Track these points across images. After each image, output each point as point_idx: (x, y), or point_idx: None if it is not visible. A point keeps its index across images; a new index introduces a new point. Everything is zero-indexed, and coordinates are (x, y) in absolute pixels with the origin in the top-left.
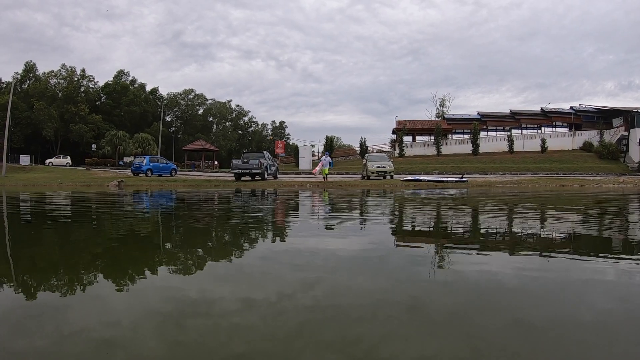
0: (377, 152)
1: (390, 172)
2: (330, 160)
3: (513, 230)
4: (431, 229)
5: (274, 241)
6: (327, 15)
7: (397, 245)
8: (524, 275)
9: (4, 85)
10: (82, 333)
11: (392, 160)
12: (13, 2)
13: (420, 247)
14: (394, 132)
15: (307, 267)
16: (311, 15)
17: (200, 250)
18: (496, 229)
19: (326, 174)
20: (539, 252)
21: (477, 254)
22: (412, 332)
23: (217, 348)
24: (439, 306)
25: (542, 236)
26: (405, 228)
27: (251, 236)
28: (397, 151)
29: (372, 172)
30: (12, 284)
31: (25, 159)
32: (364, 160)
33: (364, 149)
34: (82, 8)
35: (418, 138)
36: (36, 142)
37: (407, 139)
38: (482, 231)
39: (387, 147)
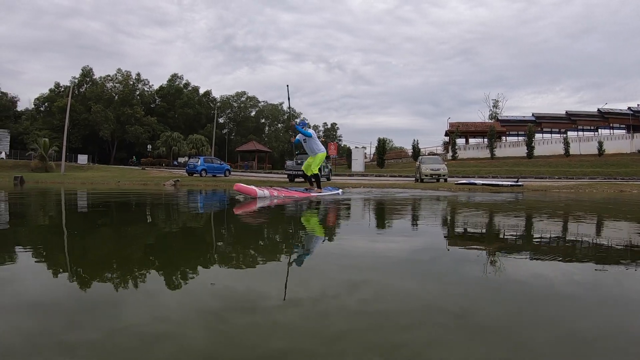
0: (429, 154)
1: (444, 175)
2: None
3: (569, 238)
4: (485, 233)
5: (323, 241)
6: (376, 17)
7: (448, 249)
8: (579, 285)
9: (63, 89)
10: (132, 326)
11: (445, 163)
12: (69, 11)
13: (472, 252)
14: (446, 134)
15: (355, 268)
16: (360, 17)
17: (250, 248)
18: (552, 235)
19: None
20: (595, 262)
21: (531, 261)
22: (458, 339)
23: (259, 343)
24: (488, 314)
25: (599, 245)
26: (458, 232)
27: (301, 235)
28: (450, 154)
29: (426, 175)
30: (68, 276)
31: (83, 159)
32: (418, 163)
33: (416, 151)
34: (136, 15)
35: (471, 140)
36: (93, 142)
37: (460, 141)
38: (537, 238)
39: (439, 150)
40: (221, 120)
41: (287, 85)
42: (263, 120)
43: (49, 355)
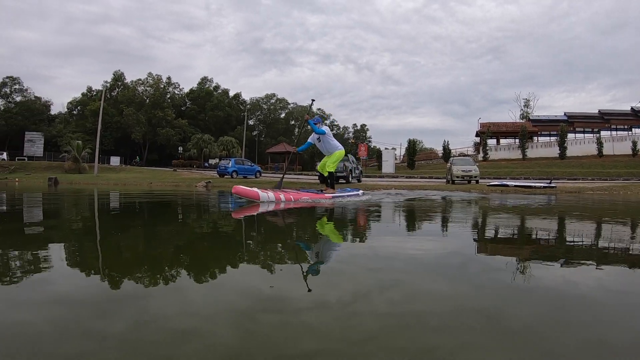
0: (459, 155)
1: (475, 177)
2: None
3: (603, 241)
4: (517, 236)
5: (353, 241)
6: (404, 16)
7: (479, 252)
8: (611, 292)
9: (95, 93)
10: (160, 321)
11: (477, 164)
12: (100, 18)
13: (504, 255)
14: (477, 135)
15: (385, 269)
16: (387, 17)
17: (280, 248)
18: (585, 239)
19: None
20: (628, 267)
21: (563, 265)
22: (487, 343)
23: (288, 343)
24: (518, 318)
25: (633, 250)
26: (489, 235)
27: (331, 236)
28: (481, 154)
29: (457, 177)
30: (99, 271)
31: (115, 160)
32: (449, 164)
33: (446, 152)
34: (165, 21)
35: (502, 141)
36: (125, 145)
37: (491, 141)
38: (570, 241)
39: (470, 150)
40: (251, 122)
41: (312, 100)
42: (293, 122)
43: (78, 346)
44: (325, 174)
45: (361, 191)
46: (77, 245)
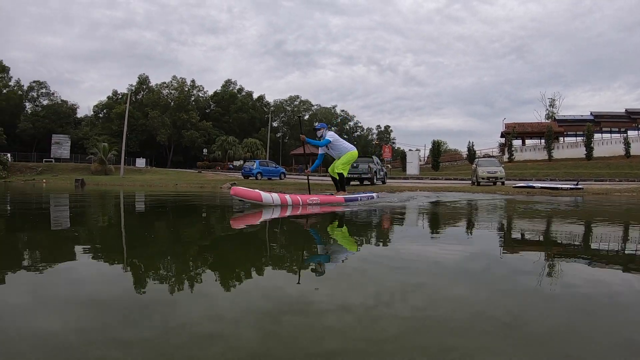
0: (484, 156)
1: (501, 178)
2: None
3: (631, 244)
4: (543, 239)
5: (377, 244)
6: (426, 17)
7: (504, 255)
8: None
9: (120, 97)
10: (184, 322)
11: (502, 165)
12: (123, 23)
13: (529, 258)
14: (502, 136)
15: (407, 272)
16: (409, 18)
17: (303, 249)
18: (613, 242)
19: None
20: None
21: (589, 269)
22: (508, 347)
23: (310, 344)
24: (540, 323)
25: None
26: (515, 238)
27: (356, 238)
28: (506, 155)
29: (483, 178)
30: (125, 275)
31: (141, 162)
32: (474, 166)
33: (471, 153)
34: (187, 24)
35: (527, 141)
36: (151, 147)
37: (516, 142)
38: (596, 244)
39: (495, 152)
40: (275, 124)
41: (299, 116)
42: (316, 124)
43: (103, 346)
44: (336, 177)
45: (375, 194)
46: (104, 246)
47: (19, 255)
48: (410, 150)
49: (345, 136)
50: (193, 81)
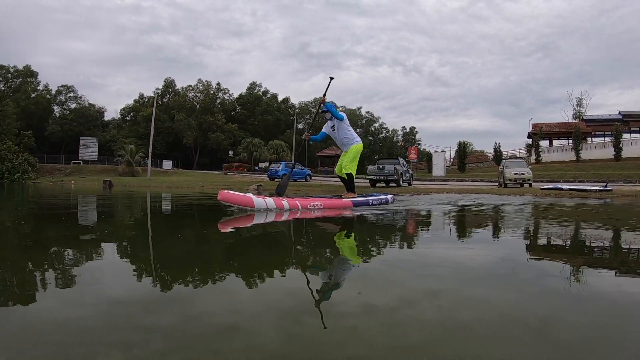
0: (511, 157)
1: (528, 180)
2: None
3: None
4: (572, 243)
5: (401, 247)
6: (450, 16)
7: (530, 259)
8: None
9: (146, 100)
10: (206, 317)
11: (530, 166)
12: (149, 28)
13: (557, 263)
14: (529, 136)
15: (433, 276)
16: (433, 18)
17: (328, 251)
18: None
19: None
20: None
21: (619, 274)
22: (535, 354)
23: (332, 347)
24: (569, 328)
25: None
26: (542, 242)
27: (379, 241)
28: (534, 157)
29: (510, 180)
30: (150, 269)
31: (167, 164)
32: (501, 167)
33: (498, 154)
34: (212, 28)
35: (555, 142)
36: (177, 149)
37: (543, 143)
38: (626, 249)
39: (522, 152)
40: (300, 126)
41: (332, 78)
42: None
43: (127, 339)
44: (345, 177)
45: (391, 196)
46: (130, 244)
47: (52, 251)
48: (436, 151)
49: (370, 138)
50: (218, 84)
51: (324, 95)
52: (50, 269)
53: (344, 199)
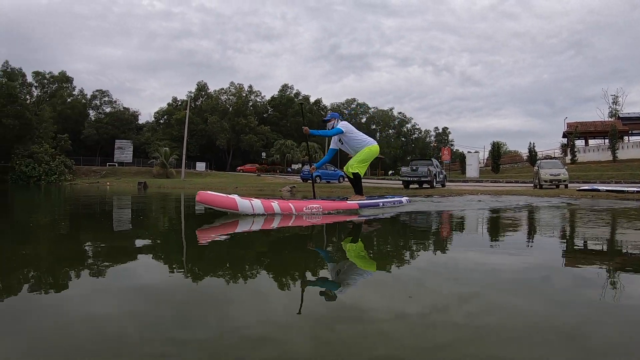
0: (546, 158)
1: (564, 181)
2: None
3: None
4: (608, 248)
5: (435, 252)
6: (480, 14)
7: (566, 265)
8: None
9: (180, 103)
10: (239, 327)
11: (565, 167)
12: (180, 33)
13: (593, 269)
14: (564, 136)
15: (464, 281)
16: (463, 16)
17: (361, 254)
18: None
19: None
20: None
21: None
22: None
23: (362, 351)
24: (601, 336)
25: None
26: (577, 246)
27: (411, 245)
28: (569, 157)
29: (545, 181)
30: (183, 271)
31: (201, 166)
32: (536, 168)
33: (532, 155)
34: (243, 33)
35: (590, 141)
36: (210, 151)
37: (579, 142)
38: None
39: (557, 153)
40: None
41: (301, 104)
42: (374, 127)
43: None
44: (351, 176)
45: (406, 198)
46: (166, 244)
47: (87, 251)
48: (469, 152)
49: (402, 139)
50: (250, 87)
51: (304, 123)
52: (86, 269)
53: (349, 202)
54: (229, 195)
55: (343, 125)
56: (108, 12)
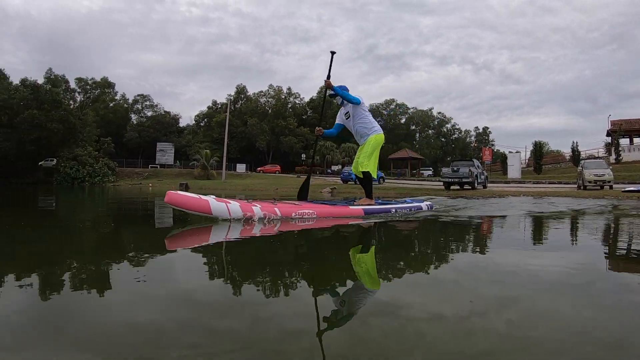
0: (589, 157)
1: (609, 182)
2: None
3: None
4: None
5: (474, 252)
6: (518, 10)
7: (611, 270)
8: None
9: (219, 106)
10: (274, 320)
11: (610, 167)
12: (218, 38)
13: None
14: (608, 134)
15: (505, 285)
16: (501, 12)
17: (398, 256)
18: None
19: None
20: None
21: None
22: None
23: (398, 351)
24: None
25: None
26: (623, 251)
27: (451, 247)
28: (614, 156)
29: (589, 182)
30: (223, 271)
31: (241, 167)
32: (579, 168)
33: (575, 154)
34: (279, 36)
35: (635, 140)
36: (250, 152)
37: (623, 141)
38: None
39: (600, 152)
40: None
41: (333, 53)
42: (413, 127)
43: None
44: (359, 172)
45: (428, 203)
46: (207, 242)
47: (130, 248)
48: (510, 152)
49: (442, 139)
50: (289, 89)
51: (328, 75)
52: (126, 266)
53: (352, 206)
54: (201, 197)
55: (361, 98)
56: (147, 20)
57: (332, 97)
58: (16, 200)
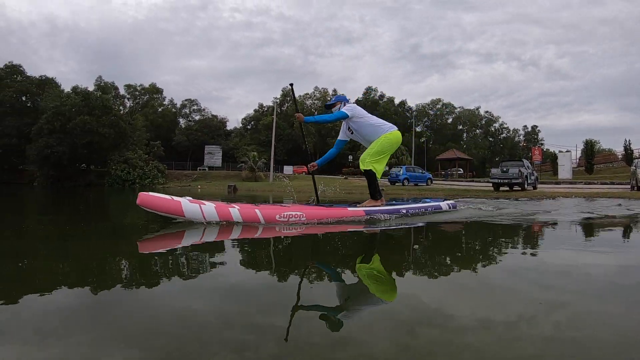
0: None
1: None
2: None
3: None
4: None
5: (523, 252)
6: (563, 2)
7: None
8: None
9: (266, 109)
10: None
11: None
12: (262, 42)
13: None
14: None
15: (554, 287)
16: (545, 5)
17: (444, 259)
18: None
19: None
20: None
21: None
22: None
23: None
24: None
25: None
26: None
27: (499, 247)
28: None
29: None
30: (271, 269)
31: (288, 169)
32: (633, 167)
33: (628, 153)
34: (323, 38)
35: None
36: (297, 154)
37: None
38: None
39: None
40: (418, 129)
41: (291, 85)
42: (460, 127)
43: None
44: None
45: (450, 202)
46: (253, 242)
47: (178, 246)
48: (560, 151)
49: (490, 139)
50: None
51: (296, 109)
52: (176, 263)
53: (351, 208)
54: (173, 198)
55: (349, 108)
56: (191, 27)
57: (307, 124)
58: (73, 201)
